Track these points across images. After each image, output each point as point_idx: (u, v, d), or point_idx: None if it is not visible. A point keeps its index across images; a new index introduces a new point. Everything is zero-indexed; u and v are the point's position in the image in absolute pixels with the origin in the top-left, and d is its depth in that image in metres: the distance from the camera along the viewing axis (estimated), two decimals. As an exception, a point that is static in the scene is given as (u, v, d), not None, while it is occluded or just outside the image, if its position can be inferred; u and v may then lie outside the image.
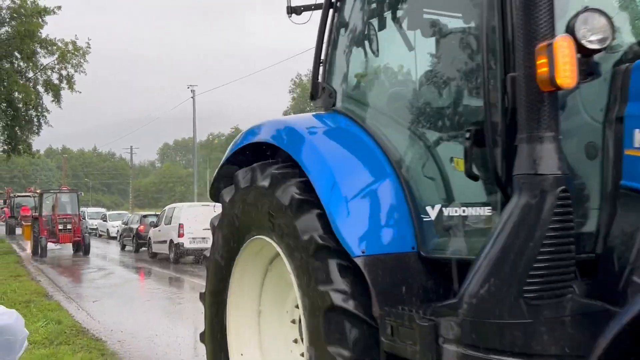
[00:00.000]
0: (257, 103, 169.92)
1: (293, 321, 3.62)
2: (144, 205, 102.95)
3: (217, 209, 19.44)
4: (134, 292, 14.01)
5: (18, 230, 38.80)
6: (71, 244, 24.12)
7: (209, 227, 18.77)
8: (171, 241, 20.20)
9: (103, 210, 49.04)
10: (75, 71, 31.18)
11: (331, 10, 3.74)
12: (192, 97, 38.90)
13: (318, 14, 3.83)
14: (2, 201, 53.68)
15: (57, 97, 31.40)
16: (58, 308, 10.75)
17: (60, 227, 23.40)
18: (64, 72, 31.19)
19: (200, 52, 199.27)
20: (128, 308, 11.72)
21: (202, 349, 8.40)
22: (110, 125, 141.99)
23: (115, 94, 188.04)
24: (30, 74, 31.53)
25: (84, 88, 32.15)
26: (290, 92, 75.92)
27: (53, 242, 23.52)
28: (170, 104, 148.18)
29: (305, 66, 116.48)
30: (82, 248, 23.69)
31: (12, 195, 46.20)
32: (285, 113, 76.19)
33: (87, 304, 11.73)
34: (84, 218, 42.72)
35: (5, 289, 12.55)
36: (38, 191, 44.87)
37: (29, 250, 25.03)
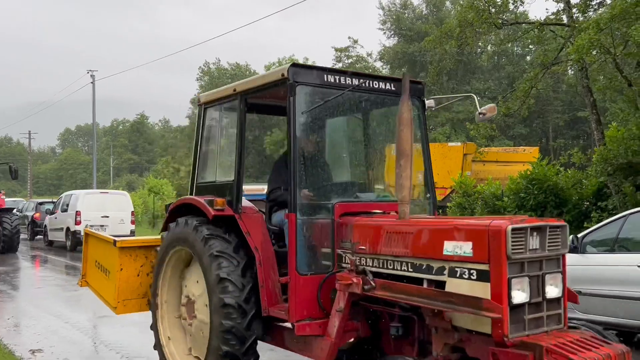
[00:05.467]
0: (164, 90, 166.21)
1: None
2: (44, 192, 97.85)
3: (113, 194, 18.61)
4: (27, 280, 13.76)
5: None
6: None
7: (107, 215, 18.22)
8: (67, 229, 19.80)
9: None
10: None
11: None
12: (92, 82, 37.68)
13: None
14: None
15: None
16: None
17: None
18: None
19: (105, 39, 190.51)
20: (21, 296, 11.59)
21: (87, 333, 8.60)
22: (7, 109, 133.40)
23: (11, 77, 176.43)
24: None
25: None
26: (197, 80, 74.61)
27: None
28: (72, 89, 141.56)
29: (212, 54, 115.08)
30: None
31: None
32: (193, 100, 75.01)
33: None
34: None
35: None
36: None
37: None
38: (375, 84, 5.01)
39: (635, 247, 7.09)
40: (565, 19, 15.50)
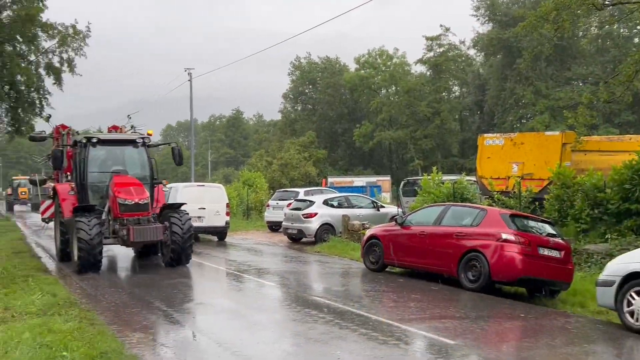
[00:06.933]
0: (257, 85, 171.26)
1: None
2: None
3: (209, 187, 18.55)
4: (127, 269, 14.65)
5: None
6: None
7: (204, 207, 18.42)
8: (168, 220, 20.88)
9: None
10: (76, 54, 31.71)
11: None
12: (189, 80, 39.47)
13: None
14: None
15: (58, 80, 31.92)
16: (54, 282, 11.39)
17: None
18: (64, 56, 31.72)
19: (199, 36, 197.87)
20: (121, 284, 12.37)
21: (183, 319, 9.00)
22: (115, 107, 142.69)
23: (117, 77, 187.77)
24: (32, 57, 32.03)
25: (87, 71, 32.84)
26: (289, 75, 75.72)
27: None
28: (172, 86, 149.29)
29: (303, 49, 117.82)
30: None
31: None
32: (285, 95, 76.44)
33: (82, 278, 12.37)
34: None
35: (6, 265, 13.21)
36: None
37: None
38: None
39: None
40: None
